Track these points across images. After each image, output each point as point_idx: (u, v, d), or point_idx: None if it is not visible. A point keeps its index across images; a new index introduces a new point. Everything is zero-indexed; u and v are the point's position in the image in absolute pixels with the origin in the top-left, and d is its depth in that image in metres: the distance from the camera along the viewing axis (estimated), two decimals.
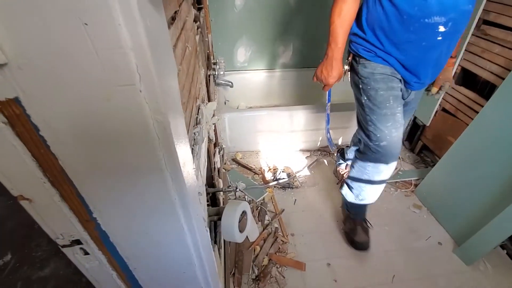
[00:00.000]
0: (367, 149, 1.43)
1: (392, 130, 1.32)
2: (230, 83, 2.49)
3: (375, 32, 1.22)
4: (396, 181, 2.14)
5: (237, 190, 1.54)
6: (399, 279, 1.54)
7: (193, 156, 0.79)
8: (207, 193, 1.35)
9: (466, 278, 1.55)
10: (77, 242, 0.54)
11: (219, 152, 2.00)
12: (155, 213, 0.52)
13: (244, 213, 1.22)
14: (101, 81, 0.35)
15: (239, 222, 1.21)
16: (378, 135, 1.35)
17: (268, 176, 2.20)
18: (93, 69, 0.34)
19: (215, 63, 2.32)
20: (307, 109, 2.29)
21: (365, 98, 1.35)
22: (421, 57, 1.20)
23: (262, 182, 2.14)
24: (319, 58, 2.86)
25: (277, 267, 1.60)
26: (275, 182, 2.11)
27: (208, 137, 1.32)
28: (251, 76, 2.88)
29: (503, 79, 1.57)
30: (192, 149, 0.81)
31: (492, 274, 1.57)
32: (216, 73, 2.28)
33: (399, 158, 2.38)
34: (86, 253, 0.57)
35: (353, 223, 1.70)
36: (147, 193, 0.48)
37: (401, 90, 1.33)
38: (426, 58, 1.20)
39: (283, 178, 2.13)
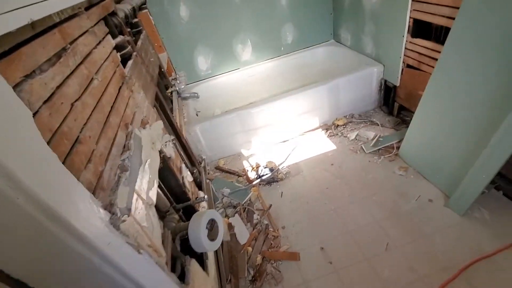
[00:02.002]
0: None
1: None
2: (196, 94, 2.50)
3: None
4: (379, 149, 2.10)
5: (205, 199, 1.55)
6: (393, 245, 1.51)
7: (119, 183, 0.79)
8: (177, 209, 1.36)
9: (462, 228, 1.51)
10: None
11: (198, 164, 2.01)
12: (55, 254, 0.52)
13: (212, 221, 1.22)
14: None
15: (210, 231, 1.21)
16: None
17: (252, 175, 2.19)
18: None
19: (174, 79, 2.33)
20: (277, 100, 2.27)
21: None
22: None
23: (247, 183, 2.14)
24: (279, 46, 2.86)
25: (271, 263, 1.59)
26: (259, 180, 2.10)
27: (164, 155, 1.33)
28: (219, 81, 2.88)
29: (454, 19, 1.52)
30: (119, 177, 0.82)
31: (489, 219, 1.52)
32: (178, 88, 2.29)
33: (379, 124, 2.34)
34: None
35: None
36: (34, 239, 0.49)
37: None
38: None
39: (266, 174, 2.12)
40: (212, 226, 1.21)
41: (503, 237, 1.41)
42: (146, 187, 0.95)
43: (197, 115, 2.63)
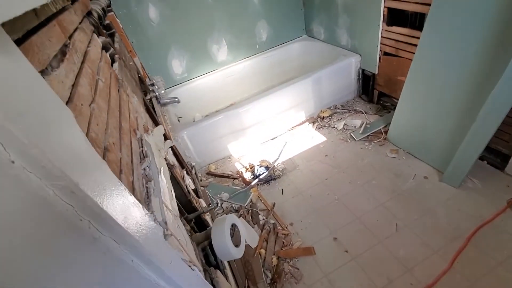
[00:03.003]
0: None
1: None
2: (177, 99, 2.36)
3: None
4: (368, 135, 2.17)
5: (219, 205, 1.46)
6: (403, 225, 1.56)
7: (150, 194, 0.69)
8: (189, 220, 1.25)
9: (461, 199, 1.61)
10: None
11: (189, 173, 1.89)
12: (116, 286, 0.42)
13: (234, 226, 1.14)
14: None
15: (231, 237, 1.13)
16: None
17: (248, 176, 2.12)
18: None
19: (152, 84, 2.17)
20: (263, 97, 2.23)
21: None
22: None
23: (244, 185, 2.07)
24: (255, 44, 2.83)
25: (288, 262, 1.54)
26: (257, 180, 2.04)
27: (168, 163, 1.21)
28: (196, 84, 2.76)
29: (429, 5, 1.60)
30: (147, 187, 0.71)
31: (481, 187, 1.64)
32: (157, 93, 2.14)
33: (363, 112, 2.42)
34: None
35: None
36: (96, 269, 0.39)
37: None
38: None
39: (263, 173, 2.07)
40: (233, 231, 1.13)
41: (497, 201, 1.53)
42: (168, 197, 0.85)
43: (178, 121, 2.49)
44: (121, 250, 0.39)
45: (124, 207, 0.42)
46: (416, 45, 1.71)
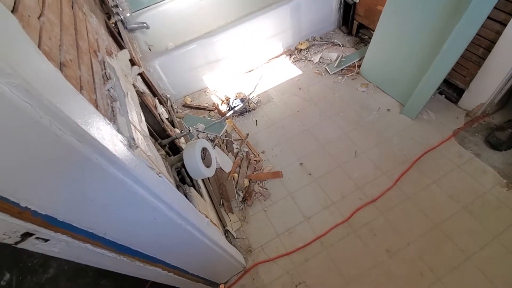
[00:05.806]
0: None
1: None
2: (145, 24, 2.19)
3: None
4: (342, 69, 2.19)
5: (191, 131, 1.53)
6: (361, 151, 1.73)
7: (116, 113, 0.73)
8: (163, 145, 1.33)
9: (414, 129, 1.77)
10: (28, 234, 0.52)
11: (164, 104, 1.89)
12: (86, 179, 0.50)
13: (204, 149, 1.24)
14: None
15: (203, 159, 1.23)
16: None
17: (223, 108, 2.17)
18: None
19: (115, 6, 1.98)
20: (240, 24, 2.12)
21: None
22: None
23: (220, 116, 2.13)
24: None
25: (258, 183, 1.73)
26: (232, 112, 2.10)
27: (138, 90, 1.22)
28: (166, 8, 2.52)
29: None
30: (112, 107, 0.75)
31: (435, 119, 1.80)
32: (122, 17, 1.97)
33: (340, 45, 2.39)
34: (46, 240, 0.56)
35: None
36: (63, 163, 0.45)
37: None
38: None
39: (238, 105, 2.12)
40: (204, 154, 1.23)
41: (445, 131, 1.71)
42: (136, 119, 0.90)
43: (149, 49, 2.36)
44: (84, 148, 0.45)
45: (82, 112, 0.46)
46: None
